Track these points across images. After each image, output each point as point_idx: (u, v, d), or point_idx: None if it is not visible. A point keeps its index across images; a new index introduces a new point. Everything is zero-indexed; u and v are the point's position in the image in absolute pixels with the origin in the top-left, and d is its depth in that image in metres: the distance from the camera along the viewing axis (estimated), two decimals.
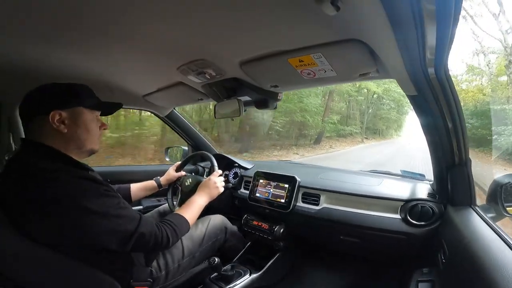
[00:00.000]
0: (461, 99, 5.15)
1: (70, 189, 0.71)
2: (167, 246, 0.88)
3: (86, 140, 0.85)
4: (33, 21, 0.69)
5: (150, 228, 0.84)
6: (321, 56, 0.78)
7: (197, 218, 1.07)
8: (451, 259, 0.82)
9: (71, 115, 0.81)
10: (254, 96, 1.21)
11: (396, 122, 24.02)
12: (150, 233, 0.83)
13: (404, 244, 1.11)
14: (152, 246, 0.84)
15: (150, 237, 0.83)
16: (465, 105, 10.03)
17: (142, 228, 0.81)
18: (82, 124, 0.83)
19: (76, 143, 0.83)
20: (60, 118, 0.79)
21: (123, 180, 1.35)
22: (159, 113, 1.78)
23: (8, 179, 0.74)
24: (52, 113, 0.77)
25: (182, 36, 0.78)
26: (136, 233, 0.79)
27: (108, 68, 1.11)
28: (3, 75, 1.06)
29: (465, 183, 0.96)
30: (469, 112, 9.96)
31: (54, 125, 0.77)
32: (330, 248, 1.51)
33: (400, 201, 1.14)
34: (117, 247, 0.77)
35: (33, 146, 0.78)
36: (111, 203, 0.78)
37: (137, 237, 0.79)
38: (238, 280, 1.23)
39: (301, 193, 1.37)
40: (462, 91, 10.92)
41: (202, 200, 1.12)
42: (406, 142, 19.00)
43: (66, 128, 0.80)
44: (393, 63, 0.73)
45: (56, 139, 0.79)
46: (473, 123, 9.62)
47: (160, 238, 0.86)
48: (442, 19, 0.52)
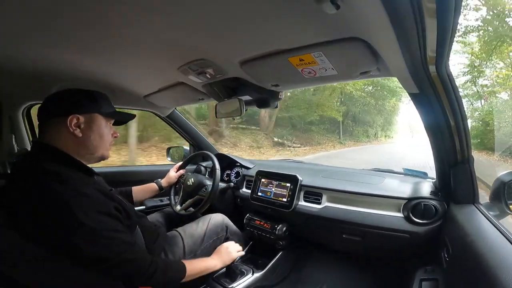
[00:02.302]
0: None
1: (75, 202, 0.70)
2: (151, 278, 0.83)
3: (98, 146, 0.86)
4: (35, 22, 0.69)
5: (141, 255, 0.82)
6: (322, 55, 0.78)
7: (196, 276, 1.00)
8: (455, 257, 0.82)
9: (88, 120, 0.83)
10: (255, 96, 1.21)
11: (385, 122, 20.84)
12: (133, 261, 0.80)
13: (406, 242, 1.11)
14: (133, 274, 0.81)
15: (133, 265, 0.80)
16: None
17: (127, 254, 0.78)
18: (96, 130, 0.84)
19: (88, 148, 0.84)
20: (77, 122, 0.80)
21: (125, 180, 1.36)
22: (160, 113, 1.78)
23: (16, 180, 0.75)
24: (70, 116, 0.79)
25: (182, 36, 0.78)
26: (118, 257, 0.76)
27: (110, 69, 1.11)
28: (6, 76, 1.06)
29: (468, 181, 0.95)
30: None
31: (70, 128, 0.79)
32: (332, 247, 1.51)
33: (402, 199, 1.14)
34: (94, 265, 0.75)
35: (45, 148, 0.79)
36: (109, 225, 0.76)
37: (117, 261, 0.76)
38: (241, 279, 1.23)
39: (303, 192, 1.37)
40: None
41: (212, 263, 1.08)
42: (400, 147, 16.14)
43: (81, 133, 0.81)
44: (394, 61, 0.73)
45: (69, 142, 0.80)
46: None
47: (146, 268, 0.82)
48: (443, 16, 0.52)
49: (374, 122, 19.14)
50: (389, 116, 21.23)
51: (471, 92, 11.15)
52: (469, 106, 11.10)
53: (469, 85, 10.99)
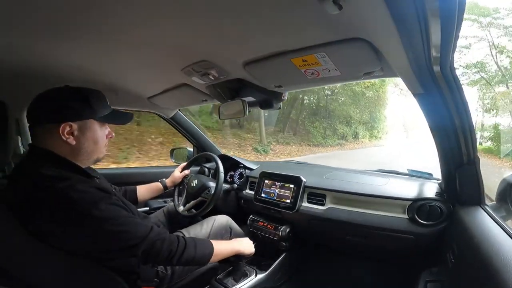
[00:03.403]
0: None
1: (81, 197, 0.72)
2: (182, 254, 0.85)
3: (93, 151, 0.85)
4: (41, 23, 0.70)
5: (163, 235, 0.84)
6: (325, 56, 0.77)
7: (223, 256, 1.01)
8: (461, 258, 0.81)
9: (81, 127, 0.80)
10: (258, 97, 1.21)
11: (369, 118, 15.68)
12: (163, 240, 0.82)
13: (411, 244, 1.10)
14: (166, 252, 0.82)
15: (163, 243, 0.82)
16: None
17: (153, 234, 0.81)
18: (90, 136, 0.82)
19: (82, 154, 0.83)
20: (70, 130, 0.78)
21: (129, 183, 1.37)
22: (164, 114, 1.79)
23: (17, 184, 0.75)
24: (63, 125, 0.76)
25: (186, 38, 0.79)
26: (147, 239, 0.79)
27: (114, 70, 1.12)
28: (12, 78, 1.08)
29: (474, 182, 0.94)
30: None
31: (63, 136, 0.77)
32: (336, 249, 1.50)
33: (407, 201, 1.13)
34: (126, 254, 0.78)
35: (41, 152, 0.78)
36: (121, 213, 0.79)
37: (148, 244, 0.79)
38: (244, 280, 1.23)
39: (306, 194, 1.36)
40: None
41: (237, 245, 1.08)
42: (391, 149, 12.57)
43: (74, 140, 0.79)
44: (398, 62, 0.72)
45: (63, 148, 0.79)
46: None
47: (176, 244, 0.84)
48: (447, 17, 0.51)
49: (351, 118, 14.17)
50: (374, 110, 16.16)
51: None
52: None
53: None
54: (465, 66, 11.11)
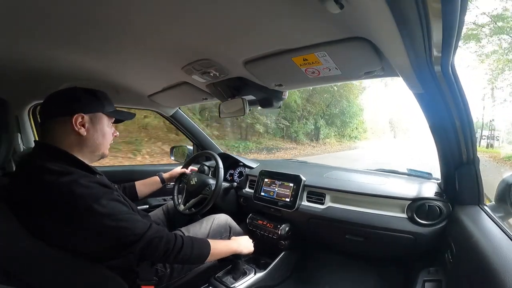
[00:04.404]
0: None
1: (84, 192, 0.72)
2: (179, 252, 0.86)
3: (101, 144, 0.88)
4: (42, 23, 0.70)
5: (161, 233, 0.84)
6: (326, 55, 0.77)
7: (220, 256, 1.03)
8: (459, 258, 0.81)
9: (92, 119, 0.84)
10: (258, 95, 1.21)
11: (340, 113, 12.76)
12: (160, 238, 0.83)
13: (410, 243, 1.10)
14: (163, 250, 0.83)
15: (160, 241, 0.83)
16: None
17: (151, 232, 0.81)
18: (100, 129, 0.86)
19: (91, 147, 0.85)
20: (82, 121, 0.82)
21: (130, 180, 1.36)
22: (164, 112, 1.79)
23: (20, 181, 0.76)
24: (76, 115, 0.80)
25: (186, 36, 0.79)
26: (145, 237, 0.80)
27: (115, 68, 1.12)
28: (13, 76, 1.08)
29: (473, 182, 0.94)
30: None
31: (76, 127, 0.80)
32: (335, 248, 1.50)
33: (406, 200, 1.13)
34: (123, 250, 0.79)
35: (47, 148, 0.79)
36: (122, 208, 0.80)
37: (146, 241, 0.80)
38: (243, 279, 1.23)
39: (306, 192, 1.37)
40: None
41: (234, 244, 1.09)
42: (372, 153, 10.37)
43: (85, 131, 0.82)
44: (398, 61, 0.72)
45: (73, 141, 0.82)
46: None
47: (173, 243, 0.85)
48: (448, 16, 0.51)
49: (316, 114, 11.17)
50: (341, 99, 12.75)
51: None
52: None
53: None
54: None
